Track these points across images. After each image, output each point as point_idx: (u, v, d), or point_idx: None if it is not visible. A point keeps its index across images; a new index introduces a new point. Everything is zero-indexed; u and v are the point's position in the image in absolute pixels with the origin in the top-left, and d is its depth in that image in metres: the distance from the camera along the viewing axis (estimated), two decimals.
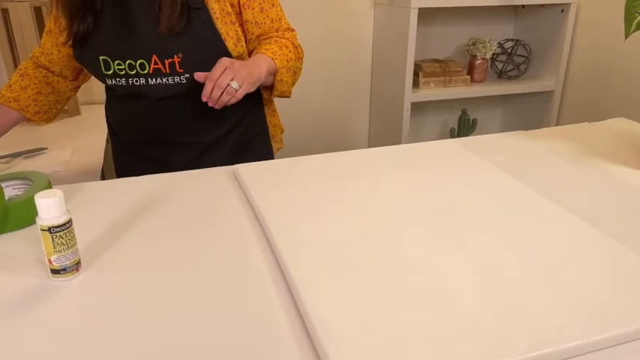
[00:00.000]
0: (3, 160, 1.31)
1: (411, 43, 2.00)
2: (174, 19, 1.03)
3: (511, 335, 0.52)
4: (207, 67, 1.04)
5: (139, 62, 1.07)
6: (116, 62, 1.08)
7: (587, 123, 1.17)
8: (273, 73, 1.10)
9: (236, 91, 0.97)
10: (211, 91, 0.96)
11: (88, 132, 1.55)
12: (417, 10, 1.95)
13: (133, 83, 1.10)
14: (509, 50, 2.34)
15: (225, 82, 0.96)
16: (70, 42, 1.10)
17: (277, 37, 1.16)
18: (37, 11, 1.58)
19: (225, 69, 0.98)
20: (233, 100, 0.98)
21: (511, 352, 0.50)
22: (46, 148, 1.39)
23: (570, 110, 2.29)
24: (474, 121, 2.35)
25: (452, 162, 0.95)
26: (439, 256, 0.65)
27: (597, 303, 0.56)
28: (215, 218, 0.77)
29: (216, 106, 0.98)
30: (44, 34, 1.18)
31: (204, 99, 0.97)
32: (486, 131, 2.58)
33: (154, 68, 1.08)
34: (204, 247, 0.70)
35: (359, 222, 0.74)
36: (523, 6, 2.33)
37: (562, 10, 2.17)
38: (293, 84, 1.17)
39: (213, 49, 1.08)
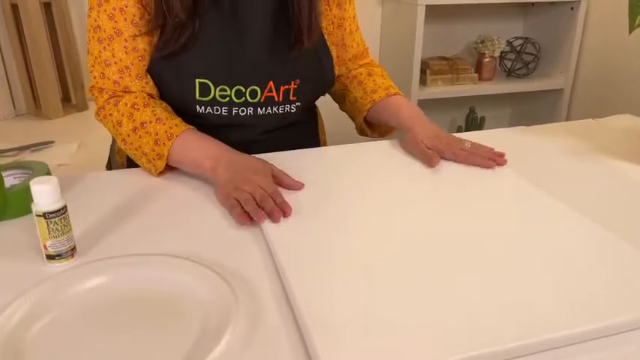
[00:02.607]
0: (10, 153, 1.33)
1: (418, 40, 1.99)
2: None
3: (501, 325, 0.52)
4: (319, 94, 0.98)
5: (249, 89, 0.91)
6: (219, 88, 0.89)
7: (590, 119, 1.16)
8: None
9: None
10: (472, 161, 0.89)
11: (95, 127, 1.55)
12: (424, 7, 1.94)
13: (237, 113, 0.92)
14: (518, 48, 2.33)
15: (460, 148, 0.91)
16: (161, 51, 0.87)
17: (372, 66, 1.09)
18: (47, 7, 1.60)
19: (437, 145, 0.91)
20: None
21: (499, 341, 0.49)
22: (53, 142, 1.41)
23: (580, 109, 2.27)
24: (482, 119, 2.33)
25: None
26: (437, 248, 0.65)
27: (592, 296, 0.56)
28: (210, 210, 0.78)
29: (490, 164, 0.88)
30: (104, 43, 0.87)
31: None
32: None
33: (266, 96, 0.92)
34: (196, 237, 0.70)
35: (356, 220, 0.74)
36: (533, 3, 2.32)
37: (572, 8, 2.15)
38: None
39: (326, 73, 0.99)
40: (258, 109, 0.93)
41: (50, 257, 0.62)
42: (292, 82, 0.93)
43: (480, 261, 0.62)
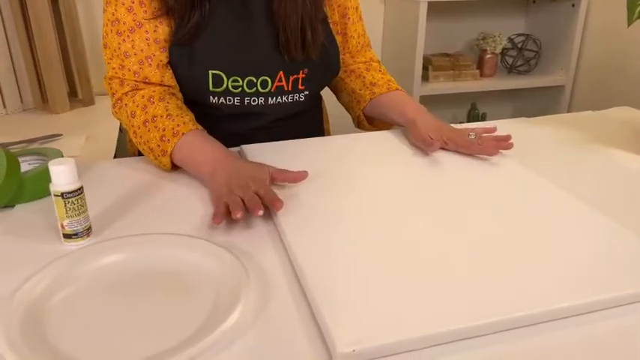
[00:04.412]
0: (19, 145, 1.35)
1: (420, 36, 2.01)
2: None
3: (494, 298, 0.54)
4: (326, 83, 1.01)
5: (261, 79, 0.94)
6: (232, 79, 0.92)
7: (590, 111, 1.18)
8: None
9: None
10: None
11: (102, 121, 1.58)
12: (426, 4, 1.96)
13: (249, 103, 0.95)
14: (519, 45, 2.35)
15: (469, 140, 0.90)
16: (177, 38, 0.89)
17: (370, 63, 1.10)
18: (54, 2, 1.62)
19: (441, 137, 0.91)
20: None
21: (492, 313, 0.52)
22: (61, 135, 1.43)
23: (581, 106, 2.29)
24: (484, 115, 2.35)
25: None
26: (437, 231, 0.67)
27: (588, 274, 0.58)
28: None
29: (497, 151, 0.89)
30: (123, 36, 0.89)
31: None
32: None
33: (276, 86, 0.95)
34: (208, 219, 0.72)
35: (359, 201, 0.76)
36: (534, 0, 2.34)
37: (573, 5, 2.17)
38: None
39: (333, 62, 1.02)
40: (269, 98, 0.96)
41: (67, 236, 0.64)
42: (301, 72, 0.96)
43: (481, 241, 0.64)
